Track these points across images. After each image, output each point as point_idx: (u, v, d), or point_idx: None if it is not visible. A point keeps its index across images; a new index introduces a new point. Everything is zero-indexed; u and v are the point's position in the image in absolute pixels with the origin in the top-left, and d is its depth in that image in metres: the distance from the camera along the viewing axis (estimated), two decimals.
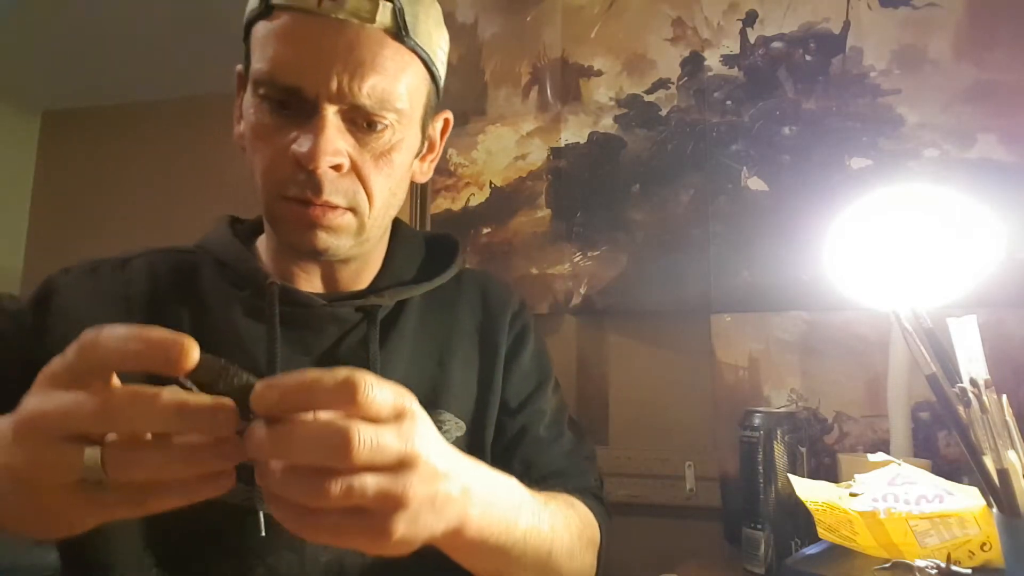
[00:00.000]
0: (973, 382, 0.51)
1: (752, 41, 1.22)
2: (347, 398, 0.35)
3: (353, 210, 0.60)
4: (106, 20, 2.04)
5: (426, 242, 0.78)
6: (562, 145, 1.30)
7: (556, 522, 0.56)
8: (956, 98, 1.10)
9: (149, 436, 0.36)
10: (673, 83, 1.25)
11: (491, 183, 1.33)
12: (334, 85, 0.56)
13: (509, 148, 1.33)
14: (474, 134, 1.35)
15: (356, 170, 0.59)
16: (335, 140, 0.57)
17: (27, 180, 2.72)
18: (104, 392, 0.34)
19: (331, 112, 0.57)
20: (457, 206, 1.35)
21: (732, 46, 1.23)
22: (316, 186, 0.57)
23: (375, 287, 0.70)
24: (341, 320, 0.66)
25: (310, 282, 0.68)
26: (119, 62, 2.31)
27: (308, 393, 0.35)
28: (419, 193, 1.36)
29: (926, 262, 0.68)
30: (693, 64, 1.25)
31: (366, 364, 0.64)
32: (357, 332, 0.66)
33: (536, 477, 0.69)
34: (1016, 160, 1.06)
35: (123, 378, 0.37)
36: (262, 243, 0.71)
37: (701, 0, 1.25)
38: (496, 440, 0.71)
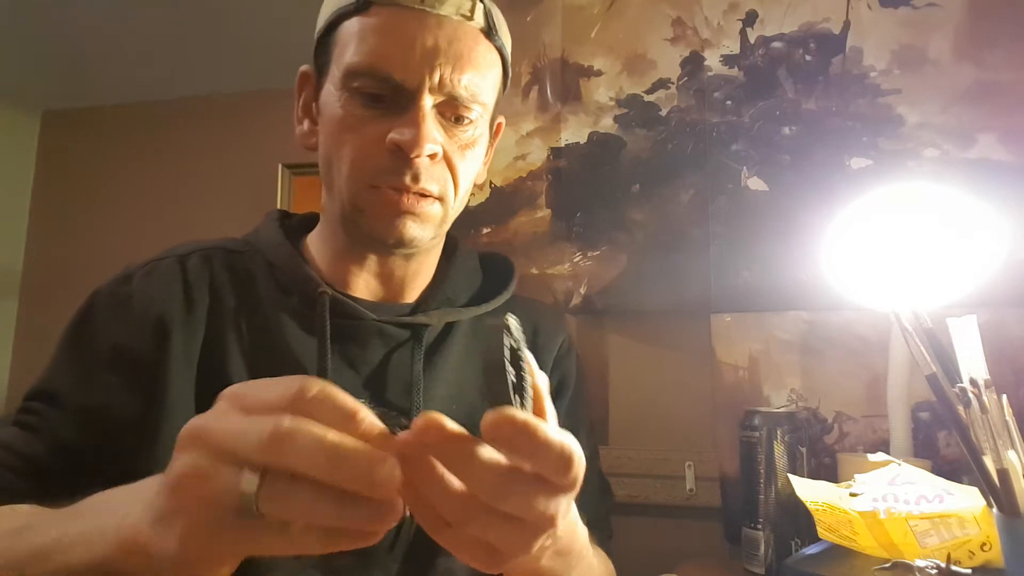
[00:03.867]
0: (973, 382, 0.51)
1: (752, 41, 1.22)
2: (563, 469, 0.36)
3: (442, 199, 0.62)
4: (106, 20, 2.04)
5: (482, 264, 0.77)
6: (562, 145, 1.30)
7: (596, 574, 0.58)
8: (956, 98, 1.10)
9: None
10: (673, 83, 1.25)
11: (491, 183, 1.33)
12: (436, 77, 0.58)
13: (509, 148, 1.33)
14: None
15: (447, 159, 0.61)
16: (433, 129, 0.59)
17: (27, 180, 2.73)
18: (275, 423, 0.32)
19: (429, 103, 0.58)
20: None
21: (732, 46, 1.23)
22: (415, 174, 0.59)
23: (424, 303, 0.69)
24: (387, 336, 0.66)
25: (365, 284, 0.68)
26: (119, 62, 2.31)
27: (536, 448, 0.35)
28: None
29: (926, 262, 0.68)
30: (693, 64, 1.25)
31: (409, 385, 0.64)
32: (403, 350, 0.66)
33: None
34: (1016, 160, 1.06)
35: None
36: (313, 241, 0.70)
37: (701, 0, 1.25)
38: None
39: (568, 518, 0.43)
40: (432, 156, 0.59)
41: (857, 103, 1.14)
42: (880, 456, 0.74)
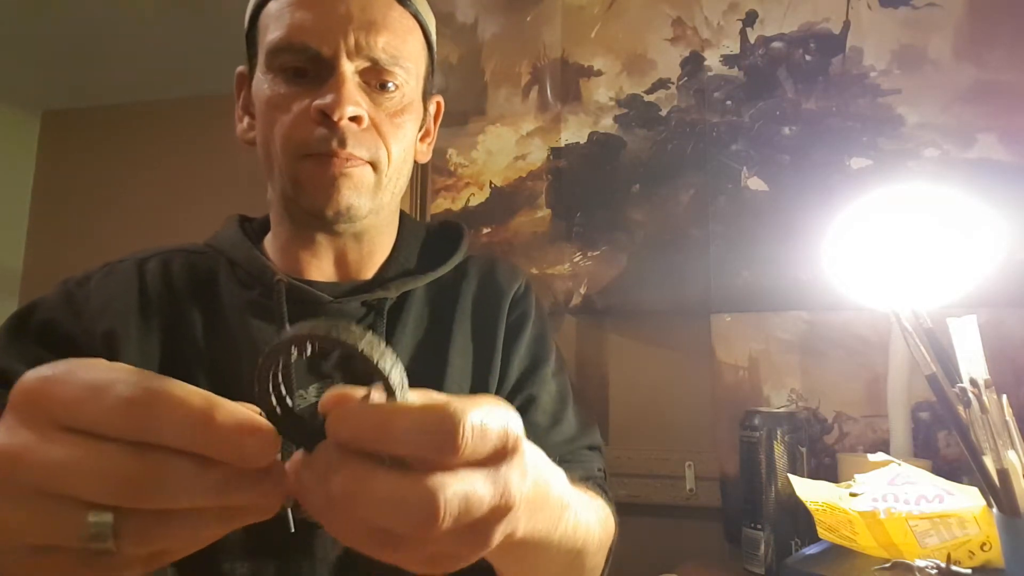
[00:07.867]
0: (973, 382, 0.51)
1: (752, 41, 1.22)
2: (443, 447, 0.28)
3: (373, 165, 0.62)
4: (106, 20, 2.04)
5: (431, 230, 0.78)
6: (562, 145, 1.30)
7: (589, 521, 0.53)
8: (956, 98, 1.10)
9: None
10: (673, 83, 1.25)
11: (491, 183, 1.33)
12: (352, 41, 0.60)
13: (509, 148, 1.33)
14: (474, 134, 1.35)
15: (375, 127, 0.62)
16: (355, 92, 0.60)
17: (27, 180, 2.72)
18: (127, 461, 0.26)
19: (349, 68, 0.60)
20: (457, 206, 1.35)
21: (732, 46, 1.23)
22: (341, 138, 0.59)
23: (381, 278, 0.70)
24: (348, 316, 0.66)
25: (320, 269, 0.68)
26: (119, 62, 2.31)
27: (389, 433, 0.28)
28: (419, 193, 1.36)
29: (926, 262, 0.68)
30: (693, 64, 1.25)
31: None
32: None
33: None
34: (1016, 160, 1.06)
35: None
36: (270, 240, 0.71)
37: (701, 0, 1.25)
38: None
39: (535, 468, 0.36)
40: (357, 120, 0.60)
41: (857, 103, 1.14)
42: (880, 456, 0.74)
